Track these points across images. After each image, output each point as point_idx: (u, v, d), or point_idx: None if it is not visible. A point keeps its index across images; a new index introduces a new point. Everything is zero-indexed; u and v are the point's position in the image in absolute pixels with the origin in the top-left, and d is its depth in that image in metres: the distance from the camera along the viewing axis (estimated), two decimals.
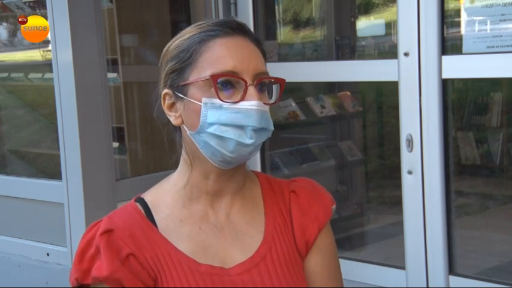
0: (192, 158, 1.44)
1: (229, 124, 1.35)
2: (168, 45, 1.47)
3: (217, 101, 1.36)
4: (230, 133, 1.36)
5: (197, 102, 1.38)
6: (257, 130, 1.36)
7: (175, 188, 1.47)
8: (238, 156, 1.38)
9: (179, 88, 1.41)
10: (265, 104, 1.38)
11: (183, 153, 1.46)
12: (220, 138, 1.36)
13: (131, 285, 1.38)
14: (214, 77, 1.36)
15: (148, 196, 1.48)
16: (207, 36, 1.41)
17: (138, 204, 1.46)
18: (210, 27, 1.42)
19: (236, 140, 1.36)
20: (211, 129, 1.37)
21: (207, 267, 1.41)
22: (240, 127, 1.35)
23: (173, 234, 1.43)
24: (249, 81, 1.37)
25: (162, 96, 1.45)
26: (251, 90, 1.36)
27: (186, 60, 1.41)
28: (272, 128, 1.41)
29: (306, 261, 1.51)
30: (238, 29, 1.42)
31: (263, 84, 1.41)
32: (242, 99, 1.36)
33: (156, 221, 1.44)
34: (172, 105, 1.44)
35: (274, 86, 1.44)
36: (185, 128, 1.42)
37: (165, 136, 1.50)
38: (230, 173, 1.44)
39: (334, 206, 1.55)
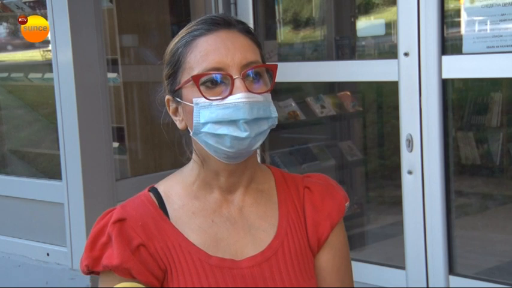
0: (202, 158, 1.44)
1: (221, 121, 1.35)
2: (166, 49, 1.48)
3: (205, 100, 1.36)
4: (224, 129, 1.35)
5: (190, 104, 1.39)
6: (250, 121, 1.35)
7: (187, 182, 1.48)
8: (237, 150, 1.37)
9: (176, 93, 1.43)
10: (258, 93, 1.37)
11: (194, 153, 1.47)
12: (216, 136, 1.37)
13: (140, 275, 1.39)
14: (195, 78, 1.37)
15: (162, 186, 1.49)
16: (191, 36, 1.41)
17: (151, 194, 1.47)
18: (194, 27, 1.42)
19: (231, 135, 1.35)
20: (205, 129, 1.37)
21: (217, 260, 1.42)
22: (232, 122, 1.35)
23: (185, 226, 1.44)
24: (234, 75, 1.36)
25: (166, 102, 1.47)
26: (237, 83, 1.36)
27: (175, 64, 1.42)
28: (273, 115, 1.40)
29: (317, 258, 1.51)
30: (223, 23, 1.42)
31: (257, 73, 1.39)
32: (230, 93, 1.35)
33: (168, 212, 1.45)
34: (176, 110, 1.45)
35: (268, 73, 1.43)
36: (189, 130, 1.43)
37: (176, 137, 1.50)
38: (241, 168, 1.44)
39: (348, 203, 1.55)
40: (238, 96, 1.35)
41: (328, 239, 1.51)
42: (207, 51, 1.38)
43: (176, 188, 1.48)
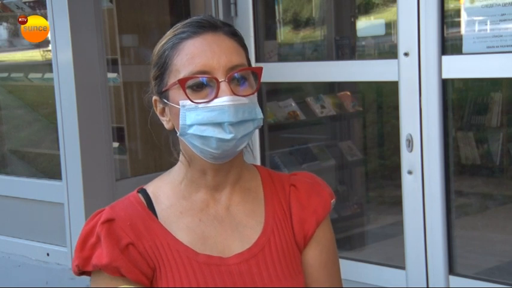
0: (189, 157, 1.47)
1: (206, 123, 1.38)
2: (153, 50, 1.50)
3: (191, 102, 1.38)
4: (209, 131, 1.38)
5: (176, 105, 1.41)
6: (235, 124, 1.37)
7: (174, 182, 1.50)
8: (223, 151, 1.40)
9: (163, 94, 1.45)
10: (243, 96, 1.39)
11: (181, 153, 1.49)
12: (201, 137, 1.39)
13: (130, 274, 1.41)
14: (181, 81, 1.39)
15: (151, 187, 1.52)
16: (177, 39, 1.43)
17: (140, 195, 1.50)
18: (180, 30, 1.45)
19: (216, 137, 1.38)
20: (191, 130, 1.39)
21: (205, 257, 1.44)
22: (218, 124, 1.37)
23: (173, 225, 1.46)
24: (220, 78, 1.38)
25: (153, 102, 1.49)
26: (223, 86, 1.38)
27: (162, 66, 1.44)
28: (259, 116, 1.42)
29: (304, 254, 1.53)
30: (209, 26, 1.44)
31: (242, 76, 1.41)
32: (216, 96, 1.37)
33: (157, 212, 1.47)
34: (163, 110, 1.48)
35: (253, 76, 1.45)
36: (176, 130, 1.45)
37: (170, 138, 1.52)
38: (227, 167, 1.47)
39: (333, 200, 1.57)
40: (224, 99, 1.37)
41: (315, 235, 1.53)
42: (193, 54, 1.40)
43: (164, 189, 1.50)
